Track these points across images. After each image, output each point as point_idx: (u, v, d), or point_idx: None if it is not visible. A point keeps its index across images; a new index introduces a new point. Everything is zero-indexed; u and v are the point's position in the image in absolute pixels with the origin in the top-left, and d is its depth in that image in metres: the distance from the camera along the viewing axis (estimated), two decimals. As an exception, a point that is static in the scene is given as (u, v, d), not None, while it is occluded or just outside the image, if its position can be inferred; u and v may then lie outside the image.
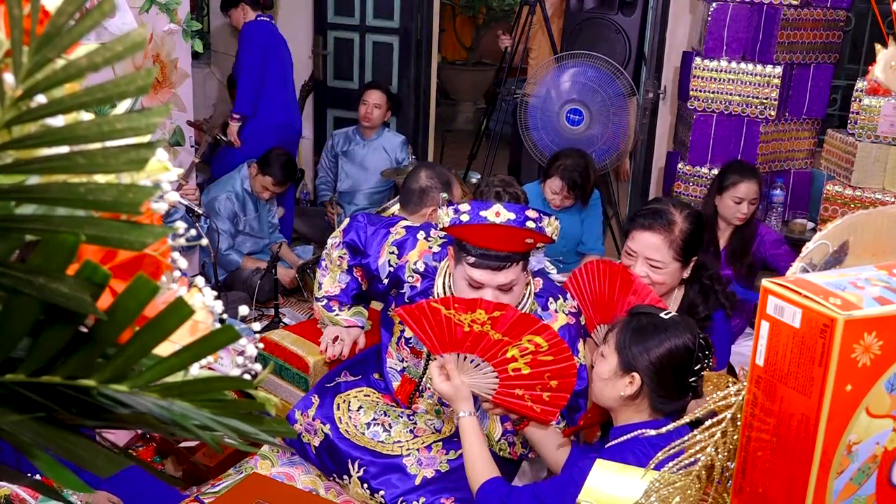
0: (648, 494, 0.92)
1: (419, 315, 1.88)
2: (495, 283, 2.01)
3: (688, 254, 2.37)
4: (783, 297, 0.76)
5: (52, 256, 0.44)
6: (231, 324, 0.51)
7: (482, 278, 2.01)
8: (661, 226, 2.35)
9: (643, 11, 4.92)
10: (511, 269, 2.00)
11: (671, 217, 2.37)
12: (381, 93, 4.74)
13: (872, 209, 1.04)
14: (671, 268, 2.36)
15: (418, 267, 2.29)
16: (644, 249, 2.36)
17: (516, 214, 1.96)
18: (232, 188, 4.27)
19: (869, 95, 3.66)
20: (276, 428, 0.53)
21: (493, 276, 2.00)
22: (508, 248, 1.99)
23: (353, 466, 2.20)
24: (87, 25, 0.45)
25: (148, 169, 0.50)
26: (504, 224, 1.95)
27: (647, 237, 2.36)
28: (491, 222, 1.96)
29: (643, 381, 1.76)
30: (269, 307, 3.92)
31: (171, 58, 3.54)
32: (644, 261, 2.36)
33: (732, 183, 3.39)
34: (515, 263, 2.01)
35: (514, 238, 1.97)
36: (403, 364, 2.36)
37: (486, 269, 2.00)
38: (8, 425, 0.47)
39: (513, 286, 2.03)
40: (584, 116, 4.53)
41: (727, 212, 3.42)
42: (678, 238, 2.34)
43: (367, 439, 2.24)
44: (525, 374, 1.87)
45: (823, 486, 0.76)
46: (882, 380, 0.75)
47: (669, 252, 2.34)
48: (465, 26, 8.63)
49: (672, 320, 1.83)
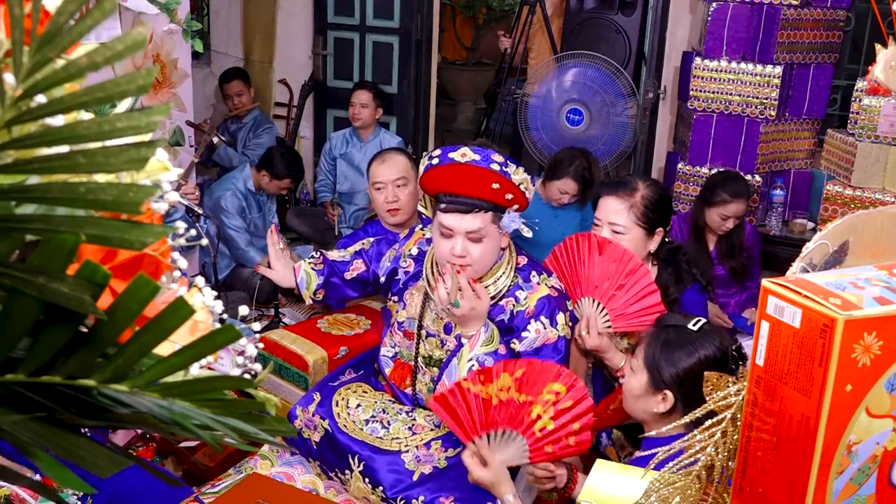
0: (648, 494, 0.92)
1: (451, 403, 1.88)
2: (463, 229, 2.09)
3: (651, 221, 2.41)
4: (783, 297, 0.76)
5: (53, 256, 0.44)
6: (231, 324, 0.51)
7: (451, 223, 2.09)
8: (623, 191, 2.43)
9: (643, 11, 4.93)
10: (479, 214, 2.09)
11: (634, 185, 2.45)
12: (366, 92, 4.75)
13: (872, 209, 1.04)
14: (633, 234, 2.39)
15: (412, 252, 2.40)
16: (607, 215, 2.42)
17: (481, 156, 2.07)
18: (234, 186, 4.27)
19: (869, 95, 3.66)
20: (276, 427, 0.53)
21: (461, 221, 2.09)
22: (476, 192, 2.08)
23: (353, 461, 2.21)
24: (87, 25, 0.45)
25: (148, 169, 0.50)
26: (469, 163, 2.05)
27: (610, 202, 2.43)
28: (457, 161, 2.06)
29: (676, 397, 1.75)
30: (269, 307, 3.92)
31: (171, 58, 3.54)
32: (608, 227, 2.42)
33: (721, 201, 3.48)
34: (484, 211, 2.09)
35: (481, 181, 2.06)
36: (395, 349, 2.40)
37: (455, 212, 2.09)
38: (8, 425, 0.47)
39: (482, 237, 2.11)
40: (584, 116, 4.53)
41: (712, 223, 3.55)
42: (639, 202, 2.39)
43: (365, 434, 2.26)
44: (550, 429, 1.88)
45: (823, 486, 0.76)
46: (882, 380, 0.75)
47: (630, 216, 2.39)
48: (465, 26, 8.63)
49: (701, 331, 1.81)
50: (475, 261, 2.14)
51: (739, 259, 3.57)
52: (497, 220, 2.14)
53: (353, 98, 4.77)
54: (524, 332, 2.19)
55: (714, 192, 3.48)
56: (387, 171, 2.98)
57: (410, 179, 2.99)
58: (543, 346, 2.18)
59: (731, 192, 3.46)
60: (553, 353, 2.17)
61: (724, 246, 3.59)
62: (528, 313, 2.20)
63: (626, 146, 4.51)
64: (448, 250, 2.14)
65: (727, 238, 3.57)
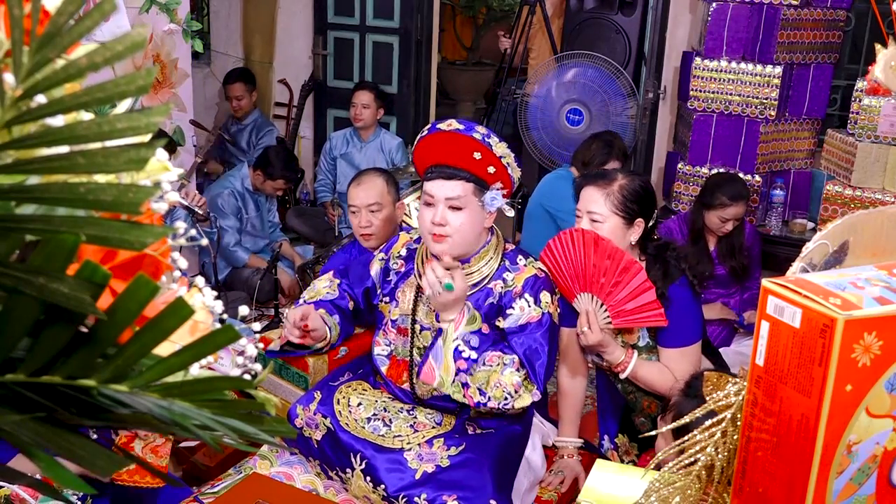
0: (648, 494, 0.92)
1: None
2: (444, 195, 2.17)
3: (629, 211, 2.39)
4: (783, 297, 0.76)
5: (52, 256, 0.44)
6: (231, 324, 0.51)
7: (433, 189, 2.18)
8: (602, 181, 2.43)
9: (643, 11, 4.92)
10: (460, 182, 2.17)
11: (613, 175, 2.46)
12: (368, 92, 4.75)
13: (872, 209, 1.04)
14: (611, 222, 2.38)
15: (402, 252, 2.45)
16: (586, 204, 2.43)
17: (465, 126, 2.18)
18: (231, 185, 4.27)
19: (869, 95, 3.66)
20: (276, 428, 0.53)
21: (443, 186, 2.17)
22: (458, 161, 2.17)
23: (355, 459, 2.21)
24: (87, 25, 0.45)
25: (148, 169, 0.50)
26: (453, 131, 2.15)
27: (589, 191, 2.44)
28: (442, 130, 2.17)
29: None
30: (269, 307, 3.92)
31: (171, 58, 3.54)
32: (587, 216, 2.42)
33: (721, 204, 3.47)
34: (465, 180, 2.17)
35: (463, 149, 2.15)
36: (390, 347, 2.41)
37: (438, 178, 2.18)
38: (8, 425, 0.47)
39: (462, 206, 2.17)
40: (584, 116, 4.53)
41: (711, 225, 3.56)
42: (616, 191, 2.39)
43: (367, 432, 2.26)
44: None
45: (823, 486, 0.76)
46: (882, 380, 0.75)
47: (607, 204, 2.38)
48: (465, 26, 8.62)
49: None
50: (455, 230, 2.18)
51: (740, 259, 3.57)
52: (479, 193, 2.20)
53: (354, 99, 4.77)
54: (509, 309, 2.22)
55: (713, 196, 3.48)
56: (362, 195, 2.94)
57: (385, 205, 2.94)
58: (528, 324, 2.20)
59: (730, 195, 3.46)
60: (537, 327, 2.19)
61: (724, 246, 3.59)
62: (516, 293, 2.23)
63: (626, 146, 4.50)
64: (429, 221, 2.19)
65: (727, 238, 3.57)
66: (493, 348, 2.15)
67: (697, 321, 2.45)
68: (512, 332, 2.20)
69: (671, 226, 3.70)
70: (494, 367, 2.12)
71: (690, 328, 2.39)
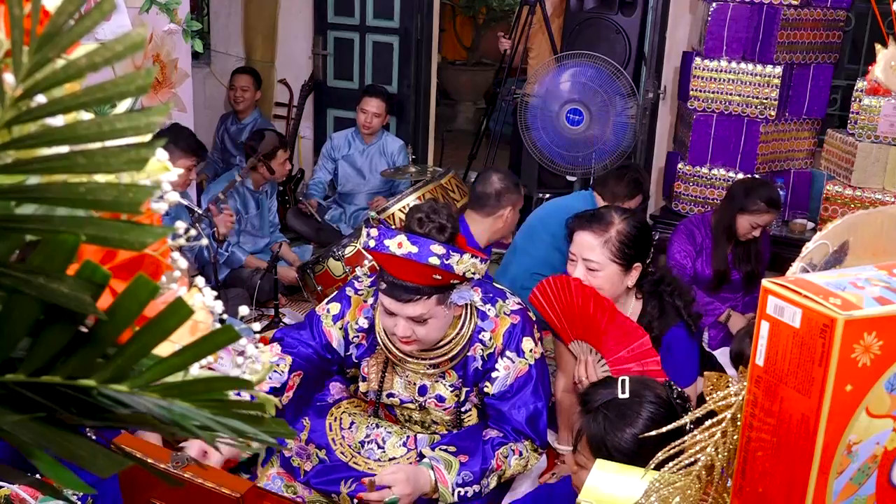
0: (648, 494, 0.92)
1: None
2: (404, 314, 1.95)
3: (627, 257, 2.31)
4: (783, 297, 0.76)
5: (52, 256, 0.44)
6: (231, 324, 0.51)
7: (391, 307, 1.96)
8: (598, 226, 2.32)
9: (643, 11, 4.92)
10: (420, 302, 1.93)
11: (609, 219, 2.34)
12: (380, 101, 4.71)
13: (872, 209, 1.04)
14: (609, 271, 2.30)
15: (361, 324, 2.20)
16: (581, 250, 2.33)
17: (419, 248, 1.86)
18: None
19: (869, 95, 3.66)
20: (275, 428, 0.53)
21: (402, 308, 1.94)
22: (415, 280, 1.90)
23: (344, 484, 2.15)
24: (86, 25, 0.45)
25: (148, 169, 0.50)
26: (405, 257, 1.86)
27: (584, 237, 2.34)
28: (392, 253, 1.87)
29: None
30: (269, 307, 3.92)
31: (171, 58, 3.54)
32: (582, 263, 2.33)
33: (758, 210, 3.39)
34: (426, 297, 1.93)
35: (421, 272, 1.88)
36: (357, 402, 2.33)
37: (393, 298, 1.94)
38: (8, 425, 0.47)
39: (426, 319, 1.96)
40: (584, 116, 4.52)
41: (741, 229, 3.45)
42: (614, 238, 2.30)
43: (362, 459, 2.19)
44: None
45: (823, 487, 0.76)
46: (882, 380, 0.75)
47: (604, 252, 2.29)
48: (465, 26, 8.63)
49: (632, 395, 1.64)
50: (422, 338, 2.02)
51: (755, 265, 3.54)
52: (444, 300, 1.99)
53: (365, 105, 4.71)
54: (494, 372, 2.10)
55: (752, 200, 3.39)
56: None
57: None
58: (516, 380, 2.10)
59: (768, 200, 3.39)
60: (527, 383, 2.10)
61: (741, 251, 3.52)
62: (498, 352, 2.10)
63: (626, 146, 4.50)
64: (391, 328, 2.01)
65: (746, 243, 3.50)
66: (489, 446, 2.05)
67: (695, 362, 2.40)
68: (505, 397, 2.09)
69: (690, 227, 3.61)
70: (503, 468, 2.07)
71: (689, 371, 2.35)
